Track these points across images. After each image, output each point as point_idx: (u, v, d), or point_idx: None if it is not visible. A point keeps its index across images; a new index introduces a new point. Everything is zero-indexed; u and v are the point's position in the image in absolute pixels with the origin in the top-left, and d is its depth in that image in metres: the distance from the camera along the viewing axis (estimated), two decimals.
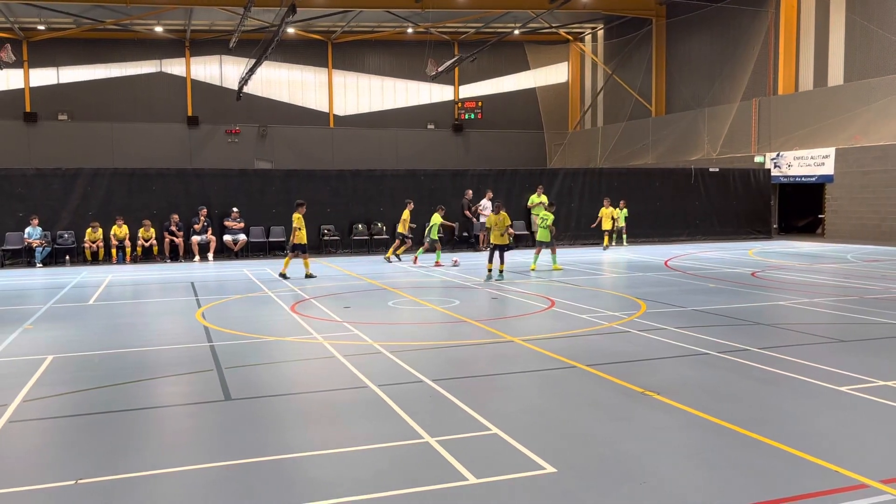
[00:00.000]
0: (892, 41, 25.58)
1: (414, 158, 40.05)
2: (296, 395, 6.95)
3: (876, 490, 4.47)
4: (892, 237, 24.27)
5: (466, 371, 7.63)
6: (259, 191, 22.28)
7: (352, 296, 13.43)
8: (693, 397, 6.49)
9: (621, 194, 25.61)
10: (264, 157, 40.03)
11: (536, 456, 5.12)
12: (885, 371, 7.27)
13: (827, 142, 27.01)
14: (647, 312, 11.00)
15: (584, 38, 44.31)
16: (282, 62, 41.06)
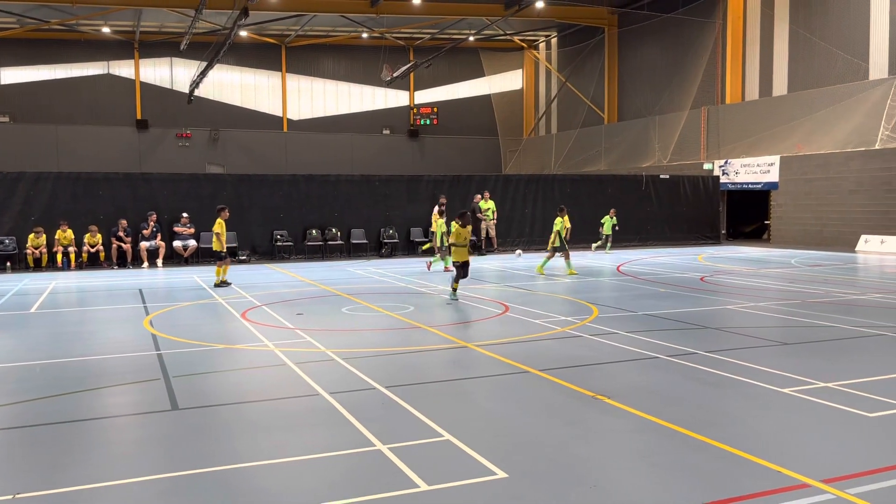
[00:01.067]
0: (833, 53, 26.48)
1: (369, 163, 39.94)
2: (245, 403, 6.83)
3: (817, 490, 4.59)
4: (833, 242, 25.08)
5: (420, 377, 7.61)
6: (210, 196, 21.90)
7: (305, 302, 13.29)
8: (642, 400, 6.59)
9: (575, 201, 25.92)
10: (216, 162, 39.43)
11: (488, 461, 5.12)
12: (826, 373, 7.48)
13: (772, 150, 27.80)
14: (600, 317, 11.14)
15: (539, 46, 44.82)
16: (234, 65, 40.55)
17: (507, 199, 25.51)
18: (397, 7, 34.33)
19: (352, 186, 23.77)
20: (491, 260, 22.08)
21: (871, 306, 12.10)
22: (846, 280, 15.92)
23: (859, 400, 6.48)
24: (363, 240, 23.40)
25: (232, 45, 28.86)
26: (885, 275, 17.30)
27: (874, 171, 23.87)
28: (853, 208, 24.67)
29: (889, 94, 23.70)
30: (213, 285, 15.71)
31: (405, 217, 24.15)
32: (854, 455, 5.22)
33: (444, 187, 24.56)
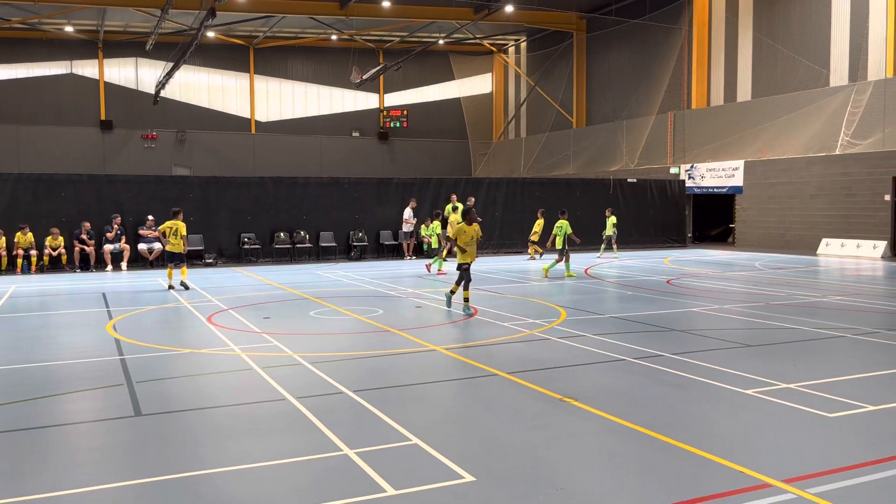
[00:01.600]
0: (795, 60, 27.03)
1: (338, 166, 39.77)
2: (211, 409, 6.74)
3: (778, 489, 4.66)
4: (795, 246, 25.57)
5: (388, 381, 7.58)
6: (176, 198, 21.57)
7: (272, 306, 13.17)
8: (609, 403, 6.64)
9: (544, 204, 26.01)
10: (182, 164, 38.93)
11: (455, 465, 5.12)
12: (788, 374, 7.62)
13: (737, 155, 28.27)
14: (568, 320, 11.21)
15: (508, 50, 45.04)
16: (201, 66, 40.09)
17: (477, 203, 25.47)
18: (367, 10, 34.25)
19: (321, 189, 23.63)
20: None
21: (831, 308, 12.35)
22: (808, 283, 16.24)
23: (820, 401, 6.60)
24: (332, 243, 23.27)
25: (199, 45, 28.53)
26: (845, 277, 17.69)
27: (834, 176, 24.40)
28: (814, 212, 25.19)
29: (849, 101, 24.26)
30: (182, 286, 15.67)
31: (375, 220, 24.08)
32: (814, 455, 5.32)
33: (413, 190, 24.54)
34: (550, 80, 40.75)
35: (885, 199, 23.04)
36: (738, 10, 29.45)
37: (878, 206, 23.28)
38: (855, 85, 24.38)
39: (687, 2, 31.22)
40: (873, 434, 5.86)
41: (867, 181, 23.45)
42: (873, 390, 7.06)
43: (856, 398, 6.65)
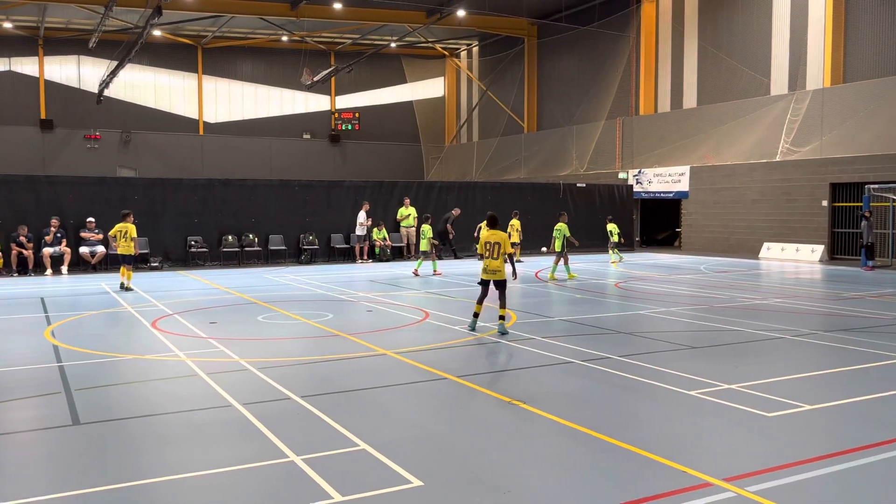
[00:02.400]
0: (738, 69, 27.79)
1: (288, 168, 39.34)
2: (153, 416, 6.57)
3: (719, 488, 4.77)
4: (738, 249, 26.26)
5: (336, 386, 7.51)
6: (120, 200, 21.03)
7: (219, 311, 12.93)
8: (557, 405, 6.70)
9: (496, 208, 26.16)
10: (127, 165, 37.99)
11: (403, 470, 5.09)
12: (730, 375, 7.80)
13: (683, 160, 28.91)
14: (518, 323, 11.29)
15: (460, 54, 45.24)
16: (148, 65, 39.24)
17: (430, 206, 25.55)
18: (318, 11, 33.98)
19: (270, 191, 23.32)
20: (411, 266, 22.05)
21: (771, 311, 12.71)
22: (750, 286, 16.69)
23: (760, 401, 6.78)
24: (282, 246, 22.98)
25: (144, 44, 27.91)
26: (785, 280, 18.23)
27: (775, 182, 25.16)
28: (756, 217, 25.92)
29: (789, 109, 25.05)
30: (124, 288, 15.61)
31: (325, 223, 23.86)
32: (754, 454, 5.46)
33: (365, 193, 24.41)
34: (502, 84, 41.06)
35: (823, 204, 23.85)
36: (683, 20, 30.15)
37: (815, 211, 24.08)
38: (794, 94, 25.19)
39: (635, 10, 31.82)
40: (810, 433, 6.05)
41: (806, 187, 24.24)
42: (810, 390, 7.29)
43: (793, 398, 6.85)
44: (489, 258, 10.29)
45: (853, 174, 22.83)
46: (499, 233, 10.35)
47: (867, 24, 23.72)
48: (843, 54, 24.38)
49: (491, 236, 10.31)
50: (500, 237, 10.29)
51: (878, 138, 22.35)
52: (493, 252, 10.27)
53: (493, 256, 10.26)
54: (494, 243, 10.27)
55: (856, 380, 7.73)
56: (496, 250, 10.25)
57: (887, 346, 9.38)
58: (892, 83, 22.38)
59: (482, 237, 10.50)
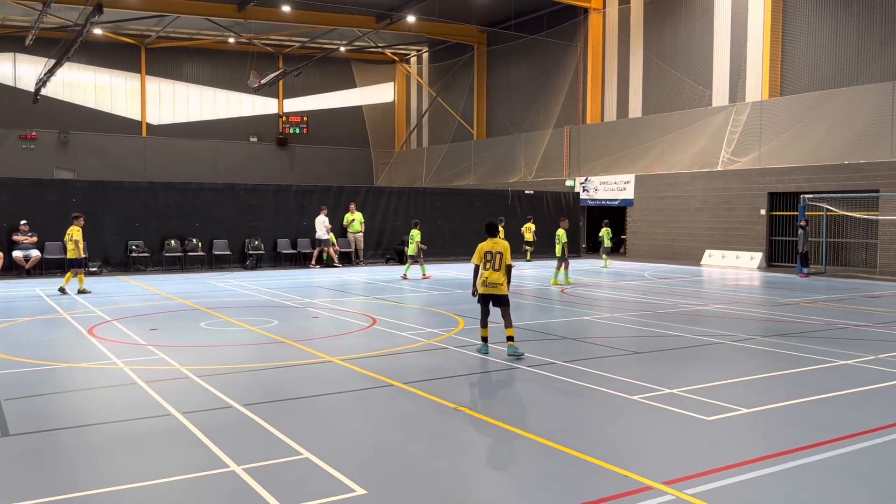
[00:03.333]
0: (681, 80, 28.49)
1: (234, 172, 38.70)
2: (88, 426, 6.34)
3: (659, 491, 4.84)
4: (682, 256, 26.88)
5: (280, 394, 7.38)
6: (57, 203, 20.39)
7: (160, 317, 12.61)
8: (502, 411, 6.72)
9: (445, 214, 26.33)
10: (66, 167, 36.80)
11: (347, 478, 5.03)
12: (672, 380, 7.96)
13: (628, 169, 29.47)
14: (465, 328, 11.30)
15: (410, 60, 45.26)
16: (88, 64, 38.16)
17: (379, 211, 25.48)
18: (266, 13, 33.56)
19: (215, 195, 22.88)
20: (359, 272, 21.94)
21: (712, 317, 13.03)
22: (692, 292, 17.08)
23: (700, 405, 6.93)
24: (226, 251, 22.56)
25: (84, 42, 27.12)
26: (726, 287, 18.72)
27: (716, 191, 25.85)
28: (698, 225, 26.58)
29: (729, 120, 25.79)
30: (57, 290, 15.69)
31: (272, 228, 23.53)
32: (694, 457, 5.57)
33: (313, 197, 24.19)
34: (452, 91, 41.22)
35: (761, 213, 24.60)
36: (629, 31, 30.78)
37: (755, 219, 24.82)
38: (735, 105, 25.94)
39: (582, 20, 32.35)
40: (747, 435, 6.20)
41: (745, 196, 24.97)
42: (747, 394, 7.48)
43: (732, 402, 7.02)
44: (490, 270, 9.18)
45: (790, 184, 23.62)
46: (501, 241, 9.33)
47: (803, 39, 24.61)
48: (781, 68, 25.24)
49: (493, 245, 9.24)
50: (503, 246, 9.24)
51: (813, 150, 23.19)
52: (495, 263, 9.17)
53: (495, 268, 9.16)
54: (496, 253, 9.17)
55: (791, 383, 7.97)
56: (498, 261, 9.17)
57: (820, 350, 9.70)
58: (826, 97, 23.26)
59: (481, 247, 9.35)
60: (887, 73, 22.20)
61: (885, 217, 21.10)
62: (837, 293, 16.91)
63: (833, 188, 22.29)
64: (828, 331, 11.39)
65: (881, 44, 22.53)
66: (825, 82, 23.87)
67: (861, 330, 11.49)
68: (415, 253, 19.80)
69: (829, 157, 22.69)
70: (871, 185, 21.40)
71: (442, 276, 20.51)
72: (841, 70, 23.59)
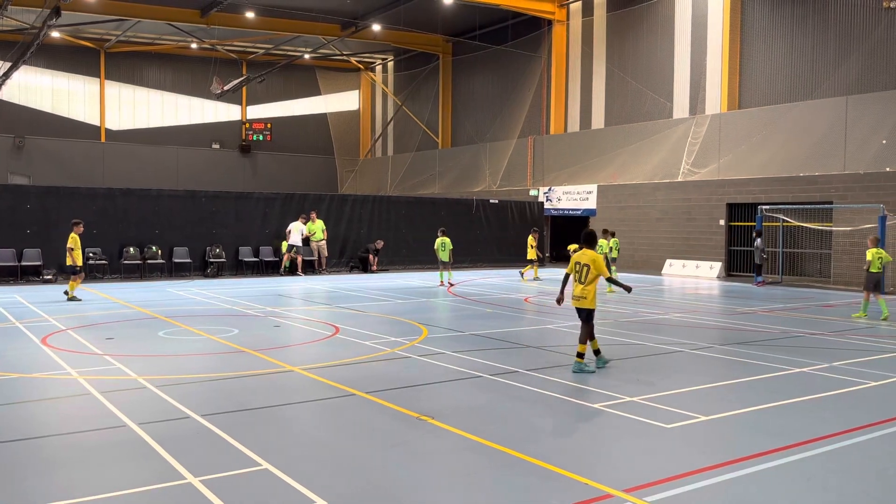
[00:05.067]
0: (643, 92, 28.94)
1: (196, 179, 38.11)
2: (39, 438, 6.17)
3: (620, 499, 4.87)
4: (643, 265, 27.22)
5: (240, 404, 7.27)
6: (10, 208, 19.89)
7: (117, 326, 12.34)
8: (464, 420, 6.71)
9: (409, 222, 26.30)
10: (20, 171, 35.92)
11: (307, 490, 4.97)
12: (632, 388, 8.03)
13: (591, 179, 29.78)
14: (429, 337, 11.28)
15: (375, 68, 45.23)
16: (45, 68, 37.36)
17: (343, 220, 25.34)
18: (229, 19, 33.25)
19: (175, 202, 22.52)
20: (322, 280, 21.78)
21: (672, 325, 13.21)
22: (653, 301, 17.30)
23: (660, 413, 7.00)
24: (187, 259, 22.20)
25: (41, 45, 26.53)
26: (686, 296, 19.01)
27: (676, 202, 26.26)
28: (659, 234, 26.96)
29: (689, 132, 26.26)
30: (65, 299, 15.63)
31: (233, 235, 23.23)
32: (653, 465, 5.62)
33: (276, 205, 23.97)
34: (417, 100, 41.27)
35: (720, 223, 25.06)
36: (592, 43, 31.18)
37: (714, 230, 25.26)
38: (694, 118, 26.43)
39: (546, 32, 32.69)
40: (706, 443, 6.28)
41: (705, 207, 25.41)
42: (706, 402, 7.59)
43: (691, 409, 7.11)
44: (576, 282, 8.89)
45: (748, 195, 24.11)
46: (589, 252, 8.84)
47: (761, 54, 25.20)
48: (739, 82, 25.80)
49: (581, 256, 8.86)
50: (590, 258, 8.76)
51: (770, 162, 23.72)
52: (582, 275, 8.80)
53: (581, 280, 8.81)
54: (584, 265, 8.78)
55: (748, 391, 8.11)
56: (584, 273, 8.77)
57: (777, 358, 9.89)
58: (782, 110, 23.83)
59: (573, 257, 9.01)
60: (841, 87, 22.84)
61: (839, 228, 21.66)
62: (793, 302, 17.28)
63: (789, 199, 22.82)
64: (784, 339, 11.63)
65: (835, 60, 23.18)
66: (782, 96, 24.47)
67: (816, 338, 11.76)
68: (448, 259, 20.13)
69: (786, 168, 23.23)
70: (825, 196, 21.96)
71: (405, 285, 20.46)
72: (797, 84, 24.20)
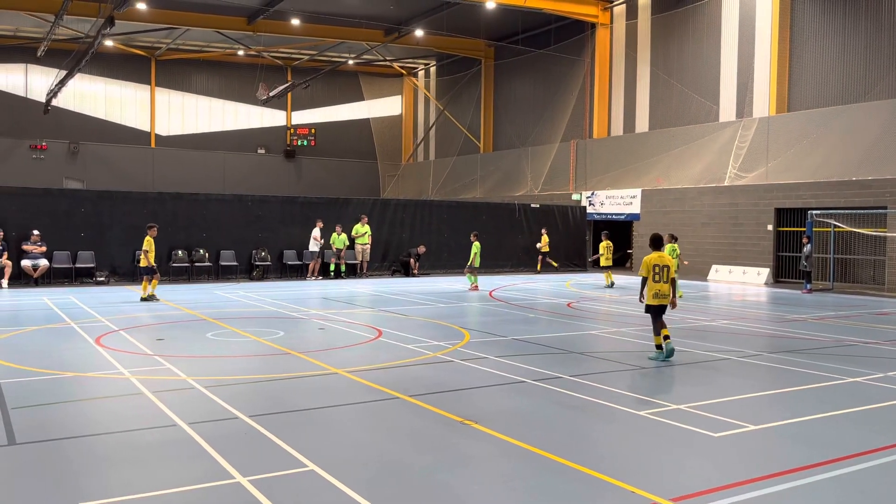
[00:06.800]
0: (688, 95, 28.54)
1: (242, 183, 38.86)
2: (94, 436, 6.36)
3: None
4: (688, 271, 26.73)
5: (286, 405, 7.39)
6: (66, 212, 20.54)
7: (167, 327, 12.64)
8: (508, 425, 6.70)
9: (451, 226, 26.36)
10: (75, 177, 37.04)
11: (352, 491, 5.02)
12: (678, 396, 7.93)
13: (634, 183, 29.46)
14: (471, 342, 11.29)
15: (418, 73, 45.48)
16: (99, 76, 38.48)
17: (385, 224, 25.53)
18: (275, 26, 33.82)
19: (222, 206, 22.98)
20: (364, 284, 21.96)
21: (719, 332, 12.98)
22: (699, 307, 17.03)
23: (707, 421, 6.89)
24: (233, 262, 22.63)
25: (95, 54, 27.36)
26: (732, 302, 18.66)
27: (723, 206, 25.81)
28: (705, 240, 26.52)
29: (736, 136, 25.79)
30: (139, 300, 16.31)
31: (278, 239, 23.60)
32: (700, 474, 5.54)
33: (320, 209, 24.25)
34: (459, 104, 41.37)
35: (768, 228, 24.54)
36: (636, 46, 30.87)
37: (761, 235, 24.76)
38: (742, 121, 25.95)
39: (589, 35, 32.48)
40: (754, 453, 6.16)
41: (752, 212, 24.92)
42: (755, 410, 7.44)
43: (739, 418, 6.99)
44: (661, 282, 9.78)
45: (797, 200, 23.57)
46: (666, 255, 9.93)
47: (811, 55, 24.63)
48: (788, 84, 25.25)
49: (660, 259, 9.83)
50: (668, 260, 9.88)
51: (821, 166, 23.15)
52: (664, 275, 9.79)
53: (665, 280, 9.79)
54: (664, 266, 9.79)
55: (798, 400, 7.93)
56: (666, 273, 9.79)
57: (828, 367, 9.65)
58: (833, 113, 23.25)
59: (649, 260, 9.85)
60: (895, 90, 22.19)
61: (894, 234, 21.02)
62: (845, 310, 16.83)
63: (841, 204, 22.23)
64: (835, 347, 11.34)
65: (889, 61, 22.53)
66: (833, 98, 23.87)
67: (869, 347, 11.43)
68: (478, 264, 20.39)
69: (837, 173, 22.65)
70: (879, 201, 21.34)
71: (447, 289, 20.50)
72: (849, 86, 23.59)
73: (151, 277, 16.50)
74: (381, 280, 23.63)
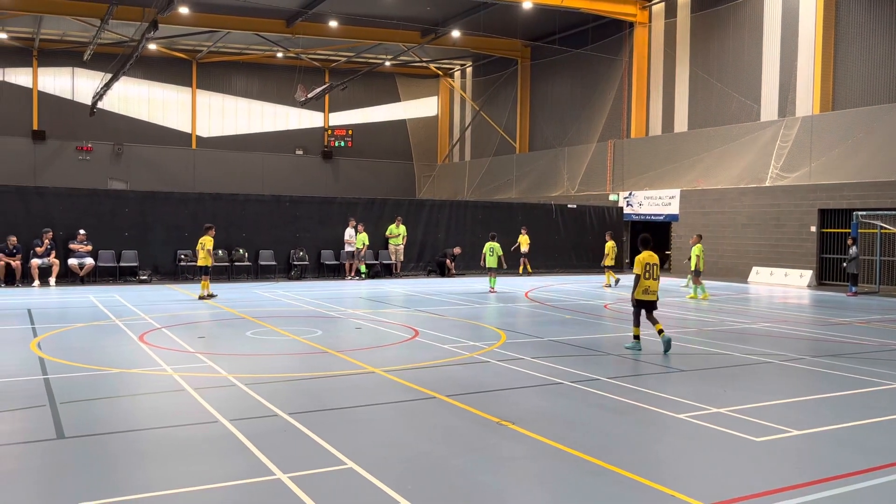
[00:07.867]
0: (729, 94, 28.09)
1: (280, 184, 39.34)
2: (138, 431, 6.51)
3: None
4: (728, 273, 26.38)
5: (324, 404, 7.47)
6: (110, 212, 21.03)
7: (208, 325, 12.86)
8: (545, 426, 6.68)
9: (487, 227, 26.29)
10: (119, 177, 37.90)
11: (391, 490, 5.06)
12: (719, 399, 7.82)
13: (673, 184, 29.10)
14: (507, 343, 11.28)
15: (454, 74, 45.53)
16: (142, 79, 39.30)
17: (421, 224, 25.63)
18: (314, 29, 34.17)
19: (261, 206, 23.31)
20: (401, 284, 22.07)
21: (760, 335, 12.76)
22: (739, 310, 16.75)
23: (748, 425, 6.79)
24: (272, 261, 22.93)
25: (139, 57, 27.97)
26: (773, 305, 18.32)
27: (764, 207, 25.34)
28: (746, 241, 26.07)
29: (778, 135, 25.30)
30: (197, 298, 16.71)
31: (316, 239, 23.85)
32: (742, 479, 5.46)
33: (357, 210, 24.44)
34: (495, 105, 41.31)
35: (811, 230, 24.03)
36: (675, 45, 30.48)
37: (804, 236, 24.25)
38: (784, 120, 25.45)
39: (627, 35, 32.17)
40: (797, 458, 6.06)
41: (795, 213, 24.43)
42: (798, 415, 7.31)
43: (781, 423, 6.87)
44: (651, 280, 10.49)
45: (841, 201, 23.04)
46: (654, 255, 10.62)
47: (856, 53, 24.05)
48: (833, 82, 24.69)
49: (650, 258, 10.50)
50: (656, 259, 10.63)
51: (866, 166, 22.59)
52: (654, 273, 10.53)
53: (654, 277, 10.55)
54: (654, 264, 10.53)
55: (842, 406, 7.76)
56: (655, 271, 10.56)
57: (874, 371, 9.42)
58: (879, 112, 22.67)
59: (641, 259, 10.48)
60: None
61: None
62: (891, 313, 16.40)
63: (887, 205, 21.66)
64: (881, 352, 11.06)
65: None
66: (879, 97, 23.27)
67: None
68: (496, 265, 20.12)
69: (883, 173, 22.08)
70: None
71: (483, 289, 20.49)
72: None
73: (207, 276, 17.01)
74: (416, 280, 23.71)
